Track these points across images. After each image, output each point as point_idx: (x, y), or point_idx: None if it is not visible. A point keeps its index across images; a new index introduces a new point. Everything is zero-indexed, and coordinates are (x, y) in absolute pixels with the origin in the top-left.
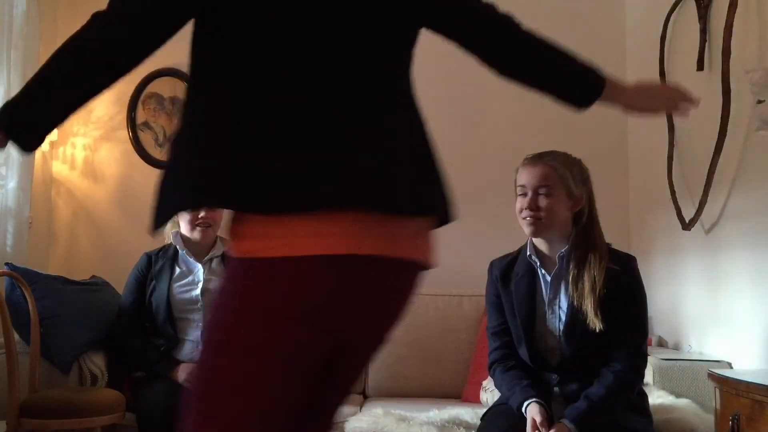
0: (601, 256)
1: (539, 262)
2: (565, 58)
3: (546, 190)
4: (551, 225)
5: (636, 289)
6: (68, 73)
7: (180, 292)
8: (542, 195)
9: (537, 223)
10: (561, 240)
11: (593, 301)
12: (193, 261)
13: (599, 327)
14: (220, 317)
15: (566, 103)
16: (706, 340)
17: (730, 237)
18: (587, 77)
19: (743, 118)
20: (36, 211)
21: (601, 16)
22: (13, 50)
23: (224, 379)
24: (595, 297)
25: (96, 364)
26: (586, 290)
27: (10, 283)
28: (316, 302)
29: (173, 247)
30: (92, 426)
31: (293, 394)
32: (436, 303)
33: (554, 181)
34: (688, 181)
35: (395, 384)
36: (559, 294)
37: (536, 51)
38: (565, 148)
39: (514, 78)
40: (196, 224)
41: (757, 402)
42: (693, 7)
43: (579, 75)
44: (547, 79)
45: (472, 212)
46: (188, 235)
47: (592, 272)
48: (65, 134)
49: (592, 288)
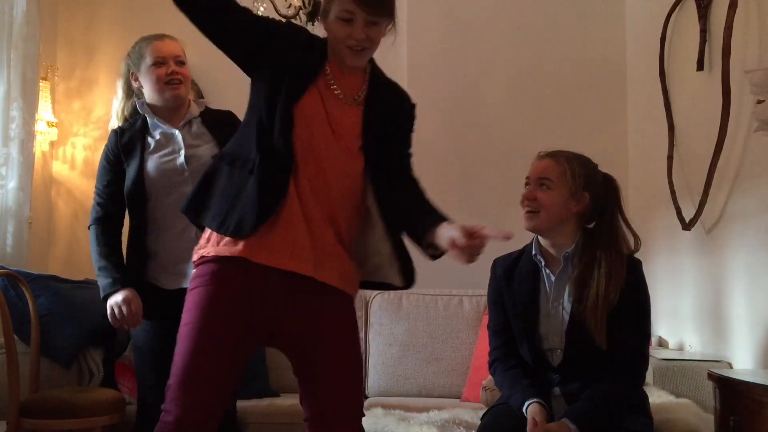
0: (610, 265)
1: (544, 261)
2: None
3: (545, 183)
4: (548, 220)
5: (641, 293)
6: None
7: (160, 164)
8: (541, 188)
9: (532, 215)
10: (566, 240)
11: (596, 319)
12: (167, 128)
13: (603, 345)
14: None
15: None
16: (706, 340)
17: (730, 237)
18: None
19: (743, 118)
20: (36, 211)
21: (601, 16)
22: (13, 50)
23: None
24: (597, 314)
25: (94, 360)
26: (589, 304)
27: (5, 285)
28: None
29: (141, 119)
30: (92, 426)
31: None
32: (436, 303)
33: (555, 175)
34: (688, 181)
35: (395, 384)
36: (563, 294)
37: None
38: (565, 147)
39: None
40: (167, 82)
41: (757, 402)
42: (693, 7)
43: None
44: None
45: (472, 212)
46: (157, 99)
47: (598, 287)
48: (65, 134)
49: (595, 304)
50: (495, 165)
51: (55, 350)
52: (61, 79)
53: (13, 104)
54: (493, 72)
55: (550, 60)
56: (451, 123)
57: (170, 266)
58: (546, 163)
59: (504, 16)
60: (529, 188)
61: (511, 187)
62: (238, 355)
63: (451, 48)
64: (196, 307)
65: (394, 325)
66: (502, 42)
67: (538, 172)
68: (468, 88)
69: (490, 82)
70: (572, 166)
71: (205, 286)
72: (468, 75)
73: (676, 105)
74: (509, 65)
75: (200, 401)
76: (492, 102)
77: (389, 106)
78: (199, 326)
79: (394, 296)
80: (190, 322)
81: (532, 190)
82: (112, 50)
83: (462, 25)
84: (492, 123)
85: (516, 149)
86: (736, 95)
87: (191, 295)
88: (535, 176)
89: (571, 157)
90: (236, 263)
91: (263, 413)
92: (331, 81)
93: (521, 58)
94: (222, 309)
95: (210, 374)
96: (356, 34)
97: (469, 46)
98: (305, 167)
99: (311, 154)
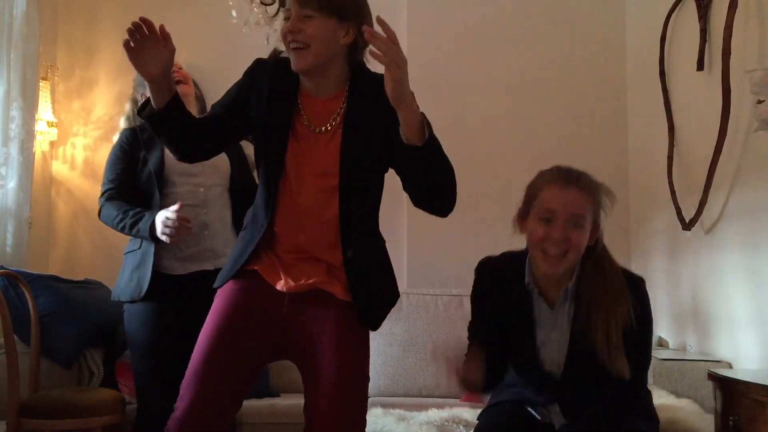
0: (614, 295)
1: (537, 290)
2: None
3: (580, 221)
4: (574, 261)
5: (645, 315)
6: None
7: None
8: (574, 226)
9: (562, 258)
10: (566, 273)
11: (609, 352)
12: None
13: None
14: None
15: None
16: (706, 340)
17: (730, 237)
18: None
19: (743, 118)
20: (36, 211)
21: (601, 16)
22: (13, 50)
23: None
24: (611, 348)
25: (94, 360)
26: (599, 341)
27: (5, 285)
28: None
29: None
30: (92, 426)
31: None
32: (436, 303)
33: (588, 212)
34: (688, 181)
35: (395, 384)
36: (560, 326)
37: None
38: (566, 148)
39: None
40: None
41: (757, 402)
42: (693, 7)
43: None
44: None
45: (471, 213)
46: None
47: (606, 325)
48: (65, 134)
49: (607, 339)
50: (494, 165)
51: (55, 350)
52: (61, 79)
53: (13, 104)
54: (493, 71)
55: (550, 60)
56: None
57: (178, 252)
58: (579, 198)
59: (504, 16)
60: (559, 227)
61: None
62: (253, 361)
63: (452, 52)
64: (215, 311)
65: (394, 325)
66: (502, 42)
67: (573, 208)
68: (468, 89)
69: (490, 85)
70: (601, 199)
71: (227, 292)
72: (468, 77)
73: (676, 105)
74: (509, 65)
75: (208, 400)
76: (491, 103)
77: (374, 119)
78: (216, 329)
79: None
80: (208, 324)
81: (563, 229)
82: (112, 50)
83: (462, 25)
84: (491, 124)
85: (515, 150)
86: (736, 95)
87: (215, 301)
88: (569, 213)
89: (597, 188)
90: (254, 274)
91: (263, 413)
92: (306, 122)
93: (521, 59)
94: (238, 312)
95: (221, 375)
96: (287, 26)
97: (469, 45)
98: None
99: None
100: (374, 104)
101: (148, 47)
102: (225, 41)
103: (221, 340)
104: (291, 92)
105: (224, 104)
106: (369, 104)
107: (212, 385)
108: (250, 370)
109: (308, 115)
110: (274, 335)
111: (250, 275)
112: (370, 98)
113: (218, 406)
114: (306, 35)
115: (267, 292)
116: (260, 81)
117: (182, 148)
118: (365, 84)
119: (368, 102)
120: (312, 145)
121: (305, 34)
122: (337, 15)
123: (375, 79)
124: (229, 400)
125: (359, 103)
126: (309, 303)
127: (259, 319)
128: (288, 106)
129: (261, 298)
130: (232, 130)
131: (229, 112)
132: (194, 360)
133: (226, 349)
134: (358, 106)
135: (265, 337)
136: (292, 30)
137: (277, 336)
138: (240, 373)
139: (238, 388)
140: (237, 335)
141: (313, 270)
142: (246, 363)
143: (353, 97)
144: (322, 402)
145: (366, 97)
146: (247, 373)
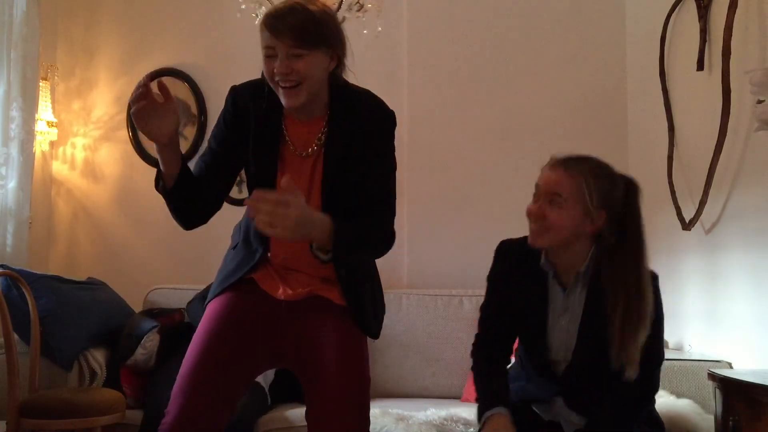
0: (634, 288)
1: (552, 272)
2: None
3: (556, 199)
4: (557, 241)
5: (657, 311)
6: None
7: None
8: (551, 205)
9: (537, 234)
10: (577, 259)
11: (621, 343)
12: None
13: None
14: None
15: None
16: (706, 340)
17: (730, 237)
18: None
19: (743, 118)
20: (36, 211)
21: (601, 16)
22: (13, 50)
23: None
24: (625, 338)
25: (96, 360)
26: (614, 330)
27: (6, 284)
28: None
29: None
30: (92, 426)
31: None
32: (436, 303)
33: (568, 192)
34: (688, 181)
35: (394, 384)
36: (572, 311)
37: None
38: (566, 147)
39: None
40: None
41: (757, 402)
42: (693, 7)
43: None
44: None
45: (471, 213)
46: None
47: (622, 316)
48: (65, 134)
49: (621, 328)
50: (495, 165)
51: (55, 352)
52: (61, 79)
53: (13, 104)
54: (492, 70)
55: (550, 60)
56: (451, 124)
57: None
58: (558, 176)
59: (504, 17)
60: (538, 204)
61: (512, 188)
62: (246, 368)
63: (452, 52)
64: (207, 317)
65: (394, 325)
66: (502, 42)
67: (549, 185)
68: (468, 89)
69: (490, 84)
70: (588, 181)
71: (221, 299)
72: (468, 77)
73: (676, 105)
74: (509, 65)
75: (198, 406)
76: (491, 102)
77: (354, 139)
78: (209, 334)
79: (394, 296)
80: (201, 329)
81: (540, 206)
82: (112, 50)
83: (462, 24)
84: (492, 124)
85: (515, 150)
86: (736, 95)
87: (207, 308)
88: (545, 190)
89: (587, 170)
90: (249, 282)
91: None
92: (291, 147)
93: (521, 58)
94: (233, 319)
95: (212, 381)
96: (278, 68)
97: (469, 44)
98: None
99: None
100: (355, 123)
101: (152, 114)
102: (225, 41)
103: (212, 346)
104: (275, 119)
105: (220, 141)
106: (350, 124)
107: (202, 392)
108: (243, 376)
109: (293, 140)
110: (273, 343)
111: (245, 283)
112: (350, 118)
113: (209, 413)
114: (299, 74)
115: (264, 300)
116: (243, 111)
117: (190, 221)
118: (345, 102)
119: (349, 122)
120: (298, 170)
121: (297, 73)
122: (324, 46)
123: (355, 96)
124: (220, 406)
125: (341, 125)
126: (307, 309)
127: (255, 327)
128: (275, 133)
129: (257, 305)
130: (235, 165)
131: (228, 149)
132: (185, 366)
133: (217, 355)
134: (340, 127)
135: (262, 344)
136: (285, 72)
137: (276, 343)
138: (232, 380)
139: (229, 394)
140: (229, 342)
141: (309, 280)
142: (238, 370)
143: (334, 119)
144: (326, 406)
145: (346, 117)
146: (239, 379)
